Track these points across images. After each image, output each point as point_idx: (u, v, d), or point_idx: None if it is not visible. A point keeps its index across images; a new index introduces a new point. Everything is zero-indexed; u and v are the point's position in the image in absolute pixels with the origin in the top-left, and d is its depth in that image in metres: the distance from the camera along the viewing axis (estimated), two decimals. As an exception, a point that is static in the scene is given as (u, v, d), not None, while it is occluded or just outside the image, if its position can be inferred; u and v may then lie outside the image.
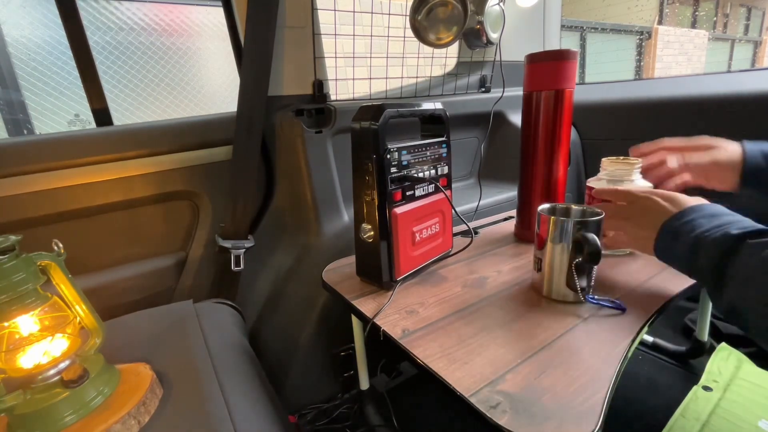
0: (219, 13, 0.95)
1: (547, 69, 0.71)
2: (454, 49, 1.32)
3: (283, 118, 0.91)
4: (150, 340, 0.62)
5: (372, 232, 0.61)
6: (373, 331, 0.55)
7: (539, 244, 0.59)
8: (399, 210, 0.61)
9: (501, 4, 0.98)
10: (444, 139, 0.69)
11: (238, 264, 0.88)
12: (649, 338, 1.02)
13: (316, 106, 0.93)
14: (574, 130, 1.42)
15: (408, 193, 0.63)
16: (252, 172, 0.87)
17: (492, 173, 1.35)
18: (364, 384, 0.81)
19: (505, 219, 0.98)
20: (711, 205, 0.50)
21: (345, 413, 0.93)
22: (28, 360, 0.42)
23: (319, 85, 0.94)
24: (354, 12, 0.94)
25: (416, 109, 0.64)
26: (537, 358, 0.45)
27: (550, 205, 0.61)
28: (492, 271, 0.69)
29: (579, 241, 0.53)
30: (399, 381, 0.99)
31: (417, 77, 1.13)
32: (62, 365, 0.44)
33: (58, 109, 1.49)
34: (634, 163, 0.69)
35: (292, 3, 0.86)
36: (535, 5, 1.38)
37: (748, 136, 1.02)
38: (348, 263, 0.76)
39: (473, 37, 0.98)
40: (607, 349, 0.46)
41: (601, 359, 0.45)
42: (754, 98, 1.00)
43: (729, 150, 0.63)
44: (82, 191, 0.76)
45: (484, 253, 0.77)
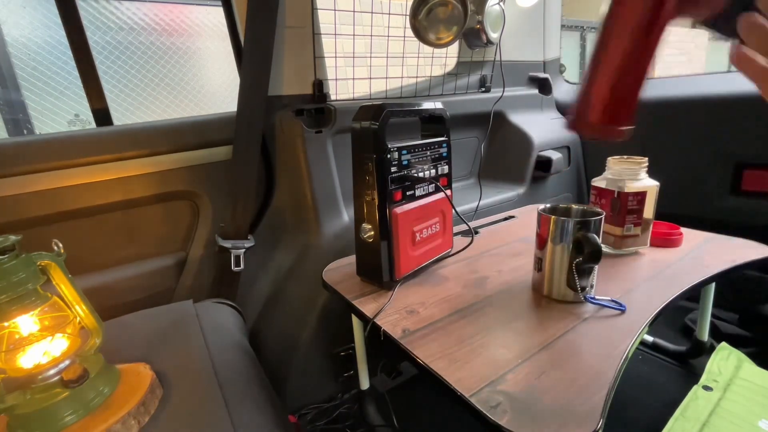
0: (219, 13, 0.95)
1: None
2: (454, 49, 1.32)
3: (283, 118, 0.91)
4: (150, 340, 0.61)
5: (372, 232, 0.61)
6: (374, 331, 0.55)
7: (539, 244, 0.59)
8: (399, 210, 0.61)
9: (501, 4, 0.98)
10: (444, 138, 0.69)
11: (238, 264, 0.88)
12: (649, 338, 1.02)
13: (316, 106, 0.93)
14: (574, 130, 1.42)
15: (408, 193, 0.63)
16: (252, 172, 0.87)
17: (492, 173, 1.35)
18: (365, 384, 0.81)
19: (505, 219, 0.98)
20: None
21: (345, 413, 0.93)
22: (28, 360, 0.42)
23: (319, 85, 0.94)
24: (354, 12, 0.94)
25: (416, 108, 0.64)
26: (537, 358, 0.45)
27: (550, 205, 0.61)
28: (492, 271, 0.69)
29: (579, 241, 0.53)
30: (399, 381, 0.99)
31: (417, 77, 1.13)
32: (62, 365, 0.44)
33: (58, 109, 1.49)
34: (640, 162, 0.69)
35: (292, 3, 0.86)
36: (535, 5, 1.38)
37: (748, 135, 1.02)
38: (348, 263, 0.76)
39: (473, 37, 0.98)
40: (607, 349, 0.46)
41: (602, 359, 0.45)
42: (754, 98, 1.00)
43: None
44: (82, 191, 0.76)
45: (484, 253, 0.77)
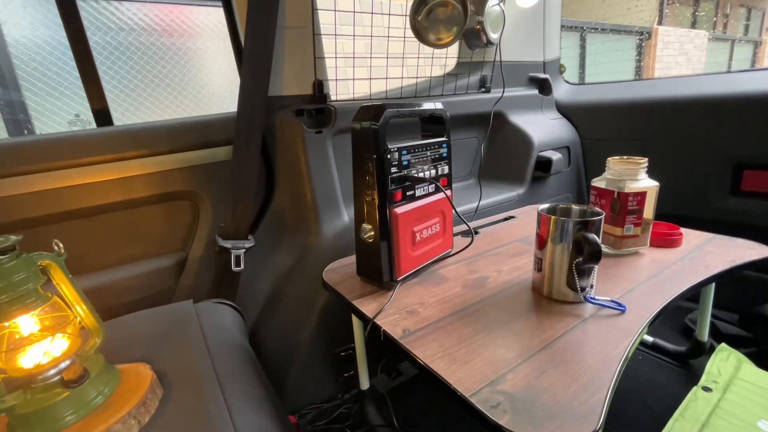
0: (219, 13, 0.95)
1: None
2: (454, 49, 1.32)
3: (284, 119, 0.91)
4: (150, 340, 0.61)
5: (372, 232, 0.61)
6: (374, 331, 0.55)
7: (539, 244, 0.59)
8: (399, 210, 0.61)
9: (501, 5, 0.98)
10: (444, 139, 0.69)
11: (238, 264, 0.88)
12: (649, 338, 1.02)
13: (317, 107, 0.93)
14: (574, 130, 1.42)
15: (408, 193, 0.63)
16: (252, 172, 0.87)
17: (492, 173, 1.35)
18: (365, 384, 0.81)
19: (505, 219, 0.98)
20: None
21: (345, 413, 0.93)
22: (29, 360, 0.42)
23: (320, 86, 0.94)
24: (354, 12, 0.94)
25: (416, 109, 0.64)
26: (537, 358, 0.45)
27: (550, 205, 0.61)
28: (492, 271, 0.69)
29: (579, 241, 0.53)
30: (399, 381, 0.99)
31: (417, 77, 1.13)
32: (62, 365, 0.44)
33: (58, 110, 1.49)
34: (640, 162, 0.69)
35: (292, 3, 0.86)
36: (535, 6, 1.38)
37: (749, 136, 1.02)
38: (348, 263, 0.76)
39: (473, 38, 0.98)
40: (607, 349, 0.46)
41: (601, 359, 0.45)
42: (754, 98, 1.00)
43: None
44: (82, 191, 0.76)
45: (484, 253, 0.77)
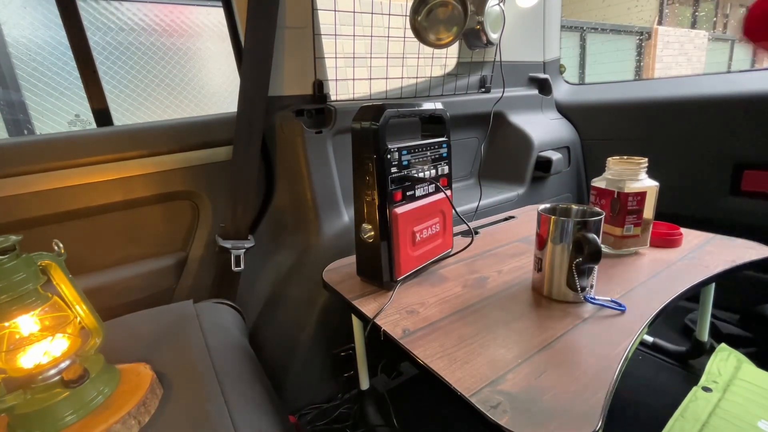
0: (219, 13, 0.95)
1: None
2: (454, 49, 1.32)
3: (284, 119, 0.91)
4: (150, 340, 0.61)
5: (372, 232, 0.61)
6: (374, 331, 0.55)
7: (539, 244, 0.59)
8: (399, 210, 0.61)
9: (501, 5, 0.98)
10: (444, 139, 0.69)
11: (238, 264, 0.88)
12: (649, 338, 1.02)
13: (317, 107, 0.93)
14: (574, 130, 1.42)
15: (408, 193, 0.63)
16: (252, 172, 0.87)
17: (492, 173, 1.35)
18: (365, 384, 0.81)
19: (505, 219, 0.98)
20: None
21: (345, 413, 0.93)
22: (29, 360, 0.42)
23: (320, 86, 0.94)
24: (354, 12, 0.94)
25: (416, 109, 0.64)
26: (537, 358, 0.45)
27: (550, 205, 0.61)
28: (492, 271, 0.69)
29: (579, 241, 0.53)
30: (399, 381, 0.98)
31: (417, 77, 1.13)
32: (62, 365, 0.44)
33: (58, 110, 1.49)
34: (640, 162, 0.69)
35: (292, 3, 0.86)
36: (535, 6, 1.38)
37: (749, 136, 1.02)
38: (348, 263, 0.76)
39: (473, 38, 0.98)
40: (607, 349, 0.46)
41: (601, 359, 0.45)
42: (754, 98, 1.00)
43: None
44: (82, 191, 0.76)
45: (485, 253, 0.77)
